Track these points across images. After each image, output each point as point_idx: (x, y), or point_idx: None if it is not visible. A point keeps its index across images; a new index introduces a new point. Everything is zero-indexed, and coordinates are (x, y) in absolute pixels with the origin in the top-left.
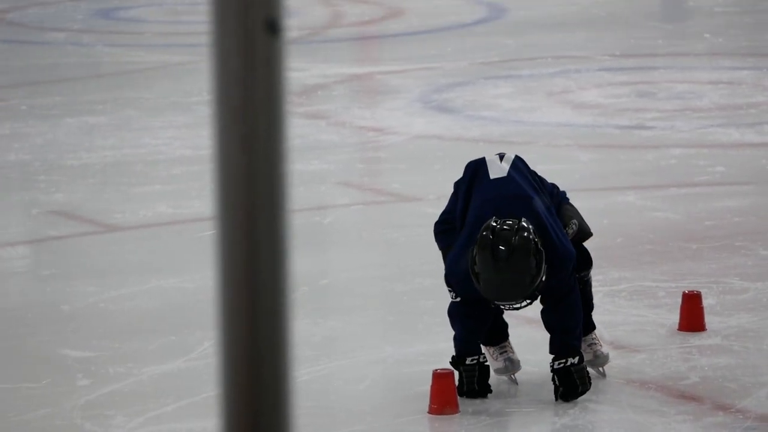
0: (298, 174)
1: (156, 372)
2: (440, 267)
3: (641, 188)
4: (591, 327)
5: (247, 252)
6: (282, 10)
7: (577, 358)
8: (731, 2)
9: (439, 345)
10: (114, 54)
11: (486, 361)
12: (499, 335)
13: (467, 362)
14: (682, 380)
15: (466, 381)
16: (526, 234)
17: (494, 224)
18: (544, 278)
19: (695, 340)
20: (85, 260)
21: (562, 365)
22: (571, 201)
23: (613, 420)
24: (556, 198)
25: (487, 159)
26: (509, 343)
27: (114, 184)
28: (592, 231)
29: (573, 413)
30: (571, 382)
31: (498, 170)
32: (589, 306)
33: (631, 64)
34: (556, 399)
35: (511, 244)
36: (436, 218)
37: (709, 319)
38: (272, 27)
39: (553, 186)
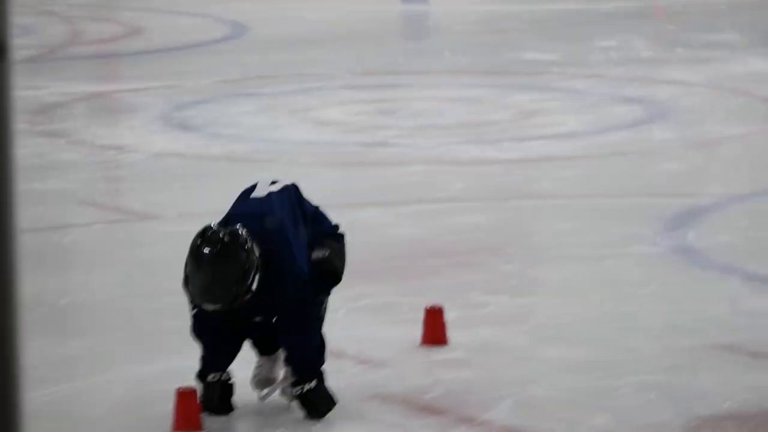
0: (37, 193)
1: None
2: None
3: (383, 205)
4: None
5: None
6: (8, 33)
7: (314, 382)
8: (470, 21)
9: (182, 363)
10: None
11: (230, 378)
12: (264, 347)
13: (208, 379)
14: (426, 394)
15: (205, 398)
16: (233, 238)
17: (206, 229)
18: (253, 286)
19: (438, 354)
20: None
21: (299, 392)
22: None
23: None
24: (323, 230)
25: (258, 182)
26: (272, 357)
27: None
28: (341, 275)
29: (316, 429)
30: (311, 406)
31: (260, 191)
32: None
33: (373, 82)
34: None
35: (215, 246)
36: (176, 236)
37: (451, 334)
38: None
39: (328, 222)
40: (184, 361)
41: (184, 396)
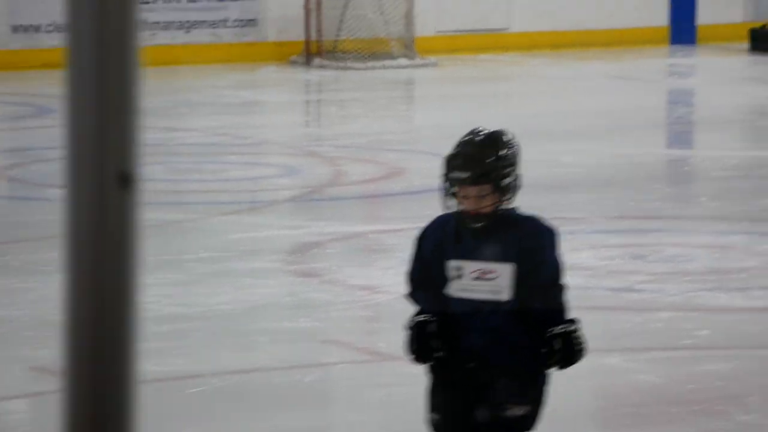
0: (286, 332)
1: None
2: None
3: (626, 350)
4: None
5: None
6: (136, 164)
7: (572, 326)
8: (730, 166)
9: None
10: None
11: (431, 322)
12: None
13: (413, 321)
14: None
15: (406, 343)
16: (501, 131)
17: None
18: (504, 182)
19: None
20: None
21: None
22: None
23: None
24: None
25: None
26: None
27: None
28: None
29: None
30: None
31: None
32: None
33: (627, 227)
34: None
35: (481, 132)
36: (420, 377)
37: None
38: (125, 180)
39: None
40: None
41: None
